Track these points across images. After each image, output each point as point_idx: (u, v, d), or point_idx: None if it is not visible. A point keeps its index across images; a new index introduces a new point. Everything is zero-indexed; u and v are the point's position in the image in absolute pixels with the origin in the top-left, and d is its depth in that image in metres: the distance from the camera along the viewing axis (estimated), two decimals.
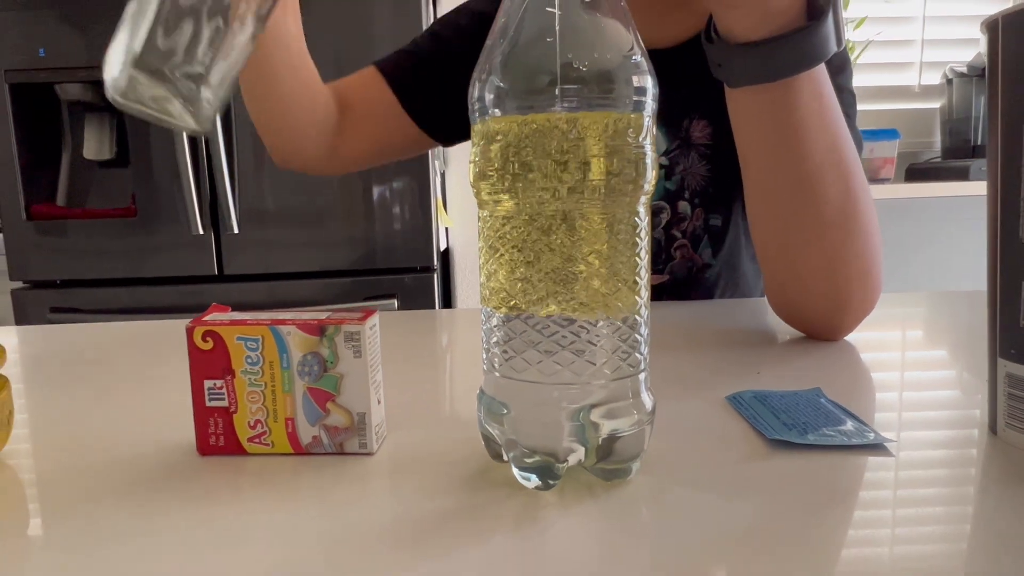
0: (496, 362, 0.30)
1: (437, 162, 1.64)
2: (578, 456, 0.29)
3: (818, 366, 0.48)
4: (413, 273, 1.56)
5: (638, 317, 0.30)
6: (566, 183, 0.27)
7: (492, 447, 0.32)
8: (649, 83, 0.28)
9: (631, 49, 0.28)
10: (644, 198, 0.29)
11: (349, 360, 0.33)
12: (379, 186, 1.54)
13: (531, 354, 0.29)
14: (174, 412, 0.42)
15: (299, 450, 0.34)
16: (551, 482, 0.30)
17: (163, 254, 1.53)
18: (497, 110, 0.28)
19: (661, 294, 0.78)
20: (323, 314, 0.34)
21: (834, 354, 0.51)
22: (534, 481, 0.30)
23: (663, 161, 0.75)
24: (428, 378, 0.48)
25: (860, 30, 2.00)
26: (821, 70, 0.47)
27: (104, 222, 1.53)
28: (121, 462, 0.35)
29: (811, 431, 0.35)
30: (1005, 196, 0.32)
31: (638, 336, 0.30)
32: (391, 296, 1.54)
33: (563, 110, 0.27)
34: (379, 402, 0.35)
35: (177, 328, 0.68)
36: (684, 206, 0.76)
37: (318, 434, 0.34)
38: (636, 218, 0.29)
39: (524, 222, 0.28)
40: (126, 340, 0.63)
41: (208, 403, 0.34)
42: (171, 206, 1.51)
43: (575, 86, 0.27)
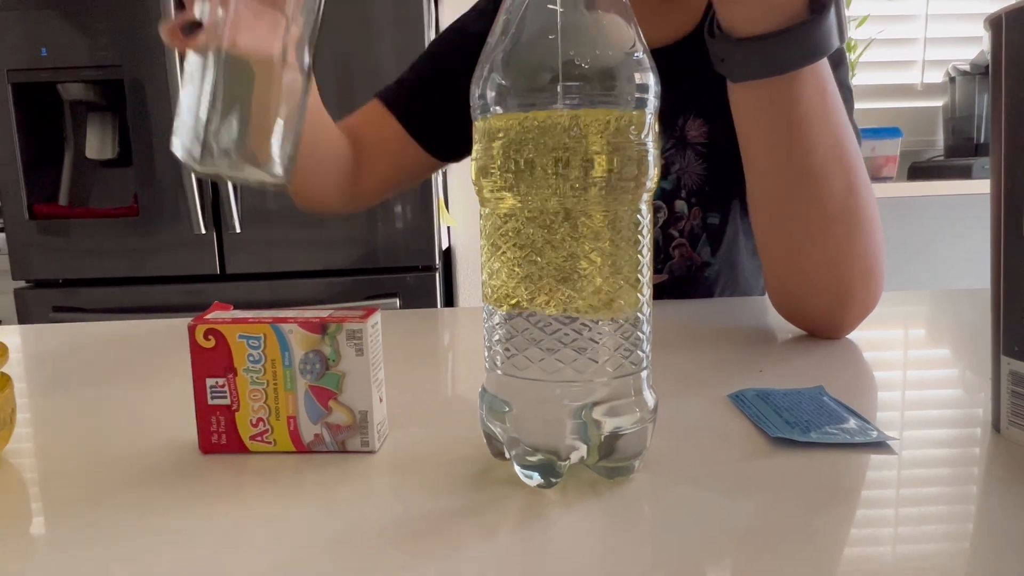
0: (498, 360, 0.30)
1: None
2: (580, 454, 0.29)
3: (820, 364, 0.48)
4: (415, 272, 1.56)
5: (640, 315, 0.29)
6: (568, 180, 0.27)
7: (494, 445, 0.32)
8: (651, 80, 0.28)
9: (633, 46, 0.28)
10: (646, 195, 0.29)
11: (351, 358, 0.33)
12: None
13: (533, 352, 0.29)
14: (176, 410, 0.42)
15: (301, 448, 0.34)
16: (553, 480, 0.30)
17: (165, 253, 1.53)
18: (499, 107, 0.28)
19: (661, 293, 0.78)
20: (325, 312, 0.34)
21: (836, 352, 0.51)
22: (536, 479, 0.30)
23: None
24: (430, 376, 0.48)
25: (862, 28, 2.00)
26: (824, 65, 0.47)
27: (106, 221, 1.53)
28: (123, 460, 0.35)
29: (814, 429, 0.35)
30: (1009, 193, 0.32)
31: (640, 334, 0.30)
32: (393, 295, 1.54)
33: (565, 107, 0.27)
34: (381, 400, 0.35)
35: (179, 327, 0.68)
36: (681, 205, 0.76)
37: (320, 432, 0.34)
38: (638, 215, 0.29)
39: (526, 219, 0.28)
40: (128, 339, 0.63)
41: (210, 401, 0.34)
42: (173, 205, 1.51)
43: (577, 83, 0.27)
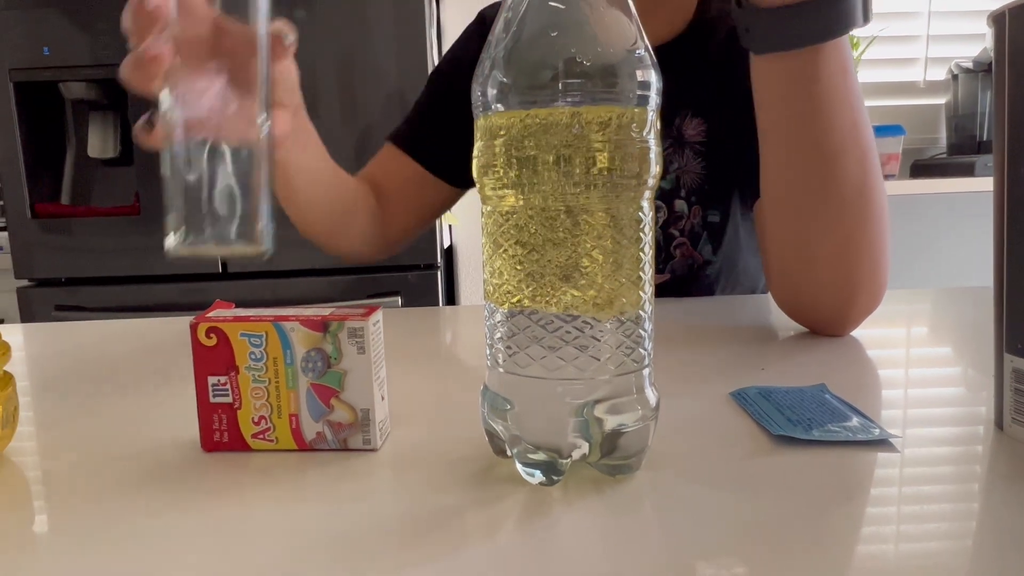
0: (500, 358, 0.30)
1: None
2: (582, 452, 0.29)
3: (823, 362, 0.48)
4: (417, 270, 1.56)
5: (642, 312, 0.29)
6: (569, 178, 0.27)
7: (496, 443, 0.32)
8: (653, 77, 0.28)
9: (635, 43, 0.28)
10: (648, 193, 0.29)
11: (353, 356, 0.33)
12: None
13: (535, 350, 0.29)
14: (178, 409, 0.42)
15: (303, 446, 0.34)
16: (555, 478, 0.30)
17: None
18: (500, 105, 0.28)
19: (663, 293, 0.78)
20: (327, 310, 0.34)
21: (839, 350, 0.51)
22: (538, 477, 0.30)
23: None
24: (431, 374, 0.48)
25: (864, 26, 1.99)
26: (847, 47, 0.47)
27: (108, 220, 1.53)
28: (125, 458, 0.35)
29: (816, 427, 0.35)
30: (1012, 190, 0.32)
31: (642, 331, 0.30)
32: (395, 293, 1.54)
33: (566, 105, 0.27)
34: (383, 398, 0.35)
35: (181, 325, 0.68)
36: (681, 204, 0.76)
37: (322, 430, 0.34)
38: (640, 213, 0.29)
39: (528, 217, 0.28)
40: (130, 337, 0.63)
41: (212, 399, 0.34)
42: None
43: (578, 80, 0.27)
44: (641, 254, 0.29)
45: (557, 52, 0.27)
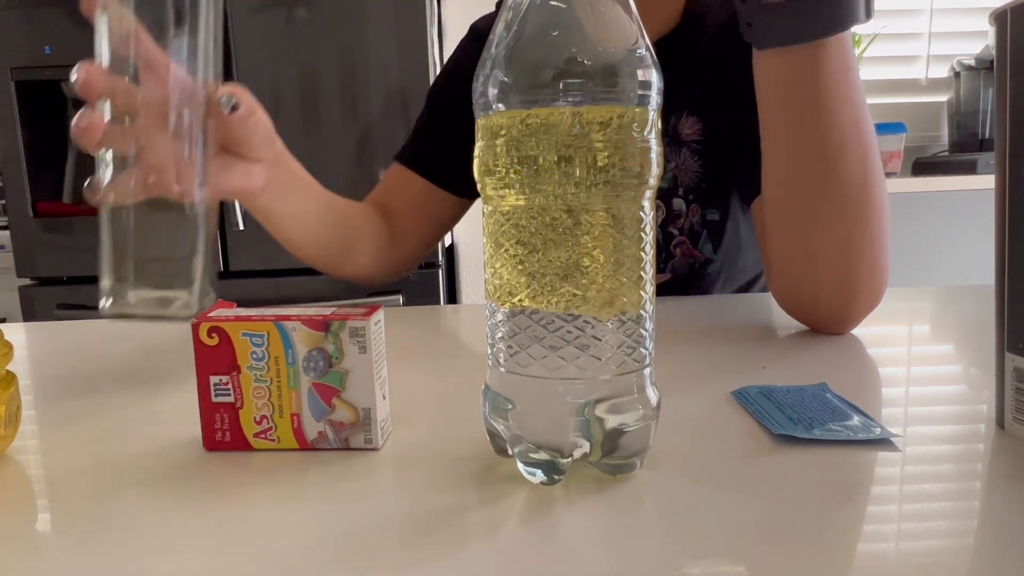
0: (501, 357, 0.30)
1: None
2: (583, 451, 0.29)
3: (824, 360, 0.48)
4: (418, 269, 1.56)
5: (643, 312, 0.29)
6: (570, 178, 0.27)
7: (497, 442, 0.32)
8: (654, 77, 0.28)
9: (635, 43, 0.28)
10: (649, 193, 0.29)
11: (354, 356, 0.33)
12: None
13: (536, 349, 0.29)
14: (180, 408, 0.42)
15: (304, 445, 0.34)
16: (556, 477, 0.30)
17: None
18: (501, 104, 0.28)
19: (664, 292, 0.78)
20: (328, 310, 0.34)
21: (840, 349, 0.51)
22: (539, 476, 0.30)
23: None
24: (433, 373, 0.48)
25: (867, 23, 1.99)
26: (849, 43, 0.47)
27: None
28: (127, 458, 0.35)
29: (817, 426, 0.35)
30: (1013, 189, 0.32)
31: (643, 331, 0.30)
32: (396, 292, 1.54)
33: (567, 104, 0.27)
34: (384, 397, 0.35)
35: (183, 324, 0.68)
36: (679, 203, 0.76)
37: (323, 429, 0.34)
38: (641, 213, 0.29)
39: (528, 217, 0.28)
40: (132, 337, 0.63)
41: (214, 399, 0.34)
42: None
43: (579, 80, 0.27)
44: (642, 253, 0.29)
45: (558, 51, 0.27)
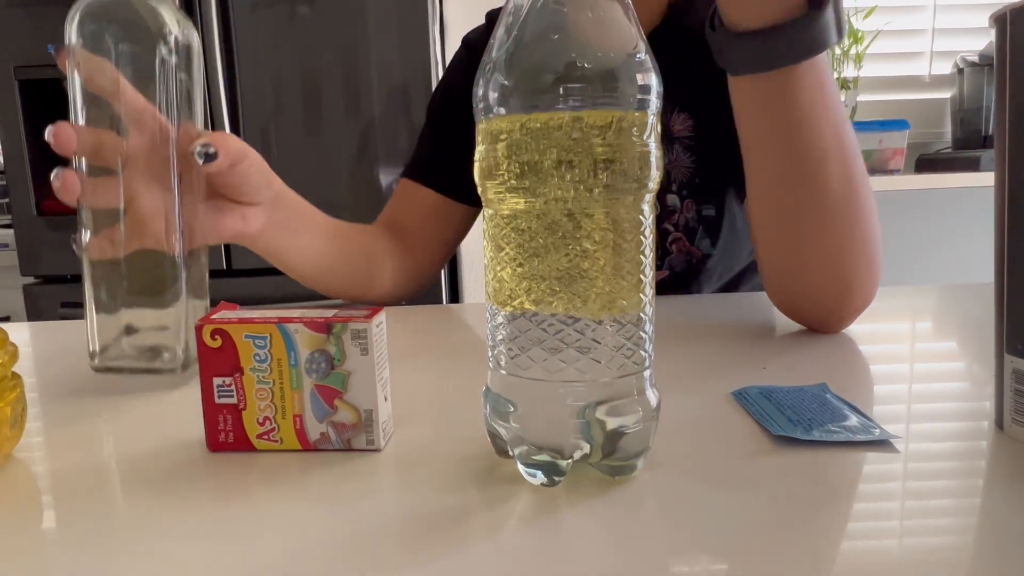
0: (502, 360, 0.30)
1: None
2: (583, 452, 0.30)
3: (825, 360, 0.48)
4: None
5: (642, 314, 0.30)
6: (570, 182, 0.27)
7: (498, 444, 0.32)
8: (653, 81, 0.28)
9: (636, 47, 0.28)
10: (648, 196, 0.29)
11: (356, 357, 0.33)
12: (387, 180, 1.54)
13: (536, 352, 0.29)
14: (184, 409, 0.43)
15: (307, 446, 0.35)
16: (556, 478, 0.30)
17: None
18: (501, 108, 0.28)
19: (663, 289, 0.78)
20: (330, 312, 0.35)
21: (841, 348, 0.51)
22: (540, 478, 0.30)
23: None
24: (434, 373, 0.49)
25: (870, 19, 1.98)
26: (823, 60, 0.47)
27: None
28: (132, 458, 0.35)
29: (816, 427, 0.35)
30: (1013, 191, 0.32)
31: (642, 333, 0.30)
32: None
33: (567, 109, 0.27)
34: (386, 399, 0.35)
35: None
36: (672, 199, 0.76)
37: (326, 431, 0.34)
38: (640, 216, 0.29)
39: (529, 220, 0.28)
40: None
41: (217, 400, 0.34)
42: None
43: (579, 85, 0.27)
44: (642, 257, 0.29)
45: (558, 56, 0.27)
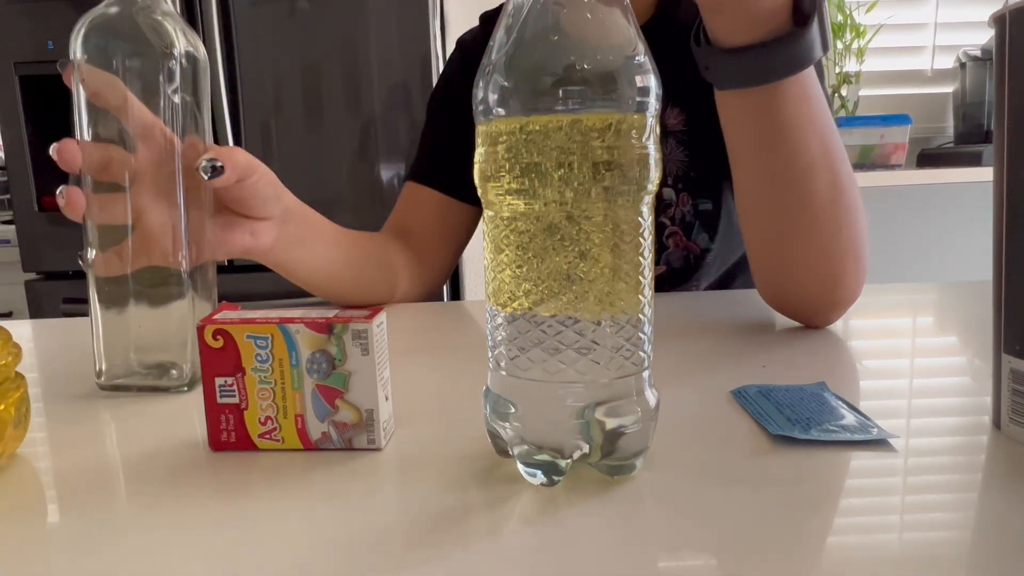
0: (502, 361, 0.31)
1: None
2: (583, 452, 0.30)
3: (824, 358, 0.48)
4: None
5: (641, 316, 0.30)
6: (568, 184, 0.28)
7: (498, 443, 0.32)
8: (652, 83, 0.29)
9: (634, 49, 0.28)
10: (648, 198, 0.30)
11: (357, 358, 0.34)
12: (387, 175, 1.54)
13: (536, 353, 0.29)
14: (186, 408, 0.43)
15: (309, 446, 0.35)
16: (556, 478, 0.30)
17: None
18: (501, 110, 0.28)
19: (661, 284, 0.78)
20: (331, 312, 0.35)
21: (841, 347, 0.51)
22: (539, 478, 0.30)
23: None
24: (435, 371, 0.49)
25: (872, 14, 1.98)
26: (808, 72, 0.47)
27: None
28: (135, 457, 0.36)
29: (814, 426, 0.35)
30: (1011, 192, 0.32)
31: (641, 335, 0.30)
32: None
33: (566, 111, 0.27)
34: (387, 398, 0.35)
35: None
36: (668, 192, 0.76)
37: (327, 430, 0.35)
38: (639, 218, 0.29)
39: (528, 223, 0.29)
40: None
41: (219, 400, 0.35)
42: None
43: (578, 87, 0.27)
44: (641, 258, 0.29)
45: (557, 58, 0.27)
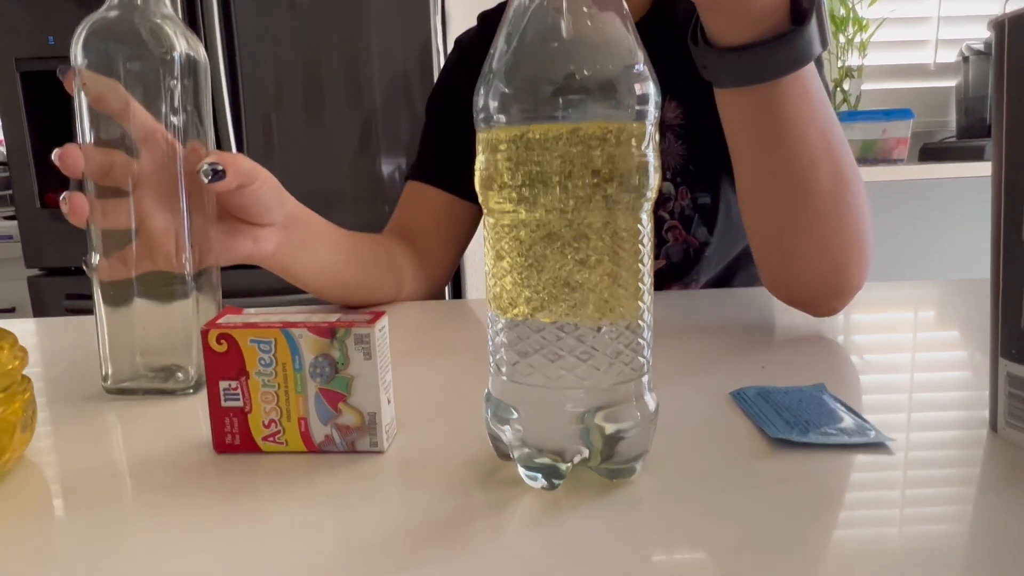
0: (502, 366, 0.31)
1: None
2: (583, 456, 0.30)
3: (823, 360, 0.48)
4: None
5: (641, 322, 0.30)
6: (568, 192, 0.28)
7: (499, 447, 0.33)
8: (652, 91, 0.29)
9: (634, 58, 0.28)
10: (647, 205, 0.30)
11: (359, 362, 0.34)
12: (388, 170, 1.54)
13: (536, 359, 0.29)
14: (191, 411, 0.43)
15: (312, 448, 0.35)
16: (556, 482, 0.31)
17: None
18: (501, 118, 0.29)
19: (661, 279, 0.78)
20: (334, 316, 0.35)
21: (840, 348, 0.51)
22: (540, 481, 0.31)
23: None
24: (437, 372, 0.49)
25: (875, 7, 1.97)
26: (808, 69, 0.47)
27: None
28: (141, 459, 0.36)
29: (813, 429, 0.35)
30: (1009, 198, 0.32)
31: (641, 340, 0.30)
32: None
33: (566, 119, 0.28)
34: (389, 402, 0.36)
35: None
36: (667, 186, 0.76)
37: (330, 433, 0.35)
38: (639, 225, 0.29)
39: (528, 230, 0.29)
40: None
41: (224, 403, 0.35)
42: None
43: (578, 96, 0.27)
44: (640, 265, 0.30)
45: (557, 67, 0.28)
